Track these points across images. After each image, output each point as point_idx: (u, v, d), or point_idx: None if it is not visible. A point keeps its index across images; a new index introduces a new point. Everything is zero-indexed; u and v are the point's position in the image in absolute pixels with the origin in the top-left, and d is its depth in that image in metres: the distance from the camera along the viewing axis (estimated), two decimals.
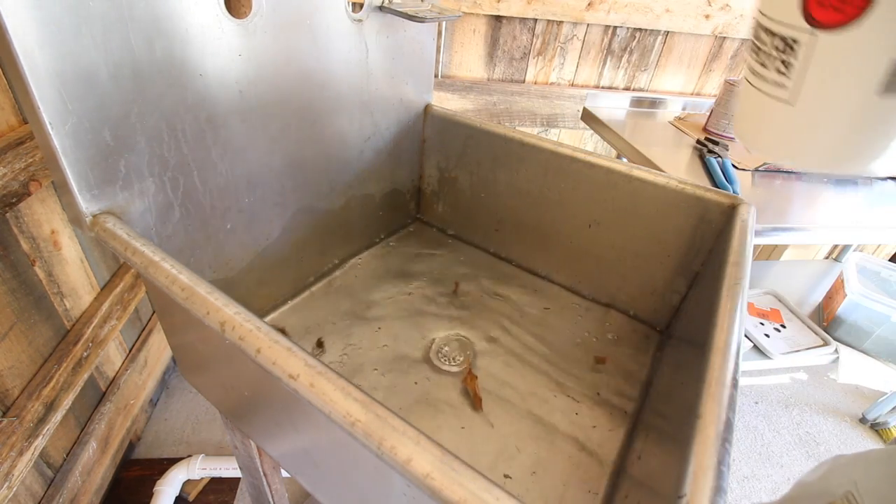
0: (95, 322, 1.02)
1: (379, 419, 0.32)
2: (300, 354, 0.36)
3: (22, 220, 0.83)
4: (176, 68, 0.51)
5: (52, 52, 0.41)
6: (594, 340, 0.79)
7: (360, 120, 0.79)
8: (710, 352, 0.52)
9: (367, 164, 0.84)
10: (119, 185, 0.50)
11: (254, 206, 0.67)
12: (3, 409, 0.81)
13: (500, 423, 0.64)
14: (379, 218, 0.93)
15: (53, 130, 0.42)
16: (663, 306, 0.80)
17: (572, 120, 1.64)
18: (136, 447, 1.28)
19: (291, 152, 0.69)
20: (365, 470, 0.42)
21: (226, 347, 0.47)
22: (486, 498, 0.28)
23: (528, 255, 0.93)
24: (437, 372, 0.71)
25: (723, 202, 0.67)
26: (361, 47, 0.73)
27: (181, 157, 0.55)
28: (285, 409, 0.47)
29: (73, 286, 0.98)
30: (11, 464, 0.79)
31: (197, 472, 1.16)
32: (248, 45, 0.57)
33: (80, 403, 1.01)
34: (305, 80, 0.66)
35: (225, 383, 0.58)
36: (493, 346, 0.76)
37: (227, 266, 0.67)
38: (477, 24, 1.43)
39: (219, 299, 0.40)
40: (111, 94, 0.46)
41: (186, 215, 0.58)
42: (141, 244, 0.45)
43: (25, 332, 0.85)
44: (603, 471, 0.60)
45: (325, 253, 0.85)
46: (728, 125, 1.33)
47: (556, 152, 0.80)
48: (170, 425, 1.34)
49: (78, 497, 1.01)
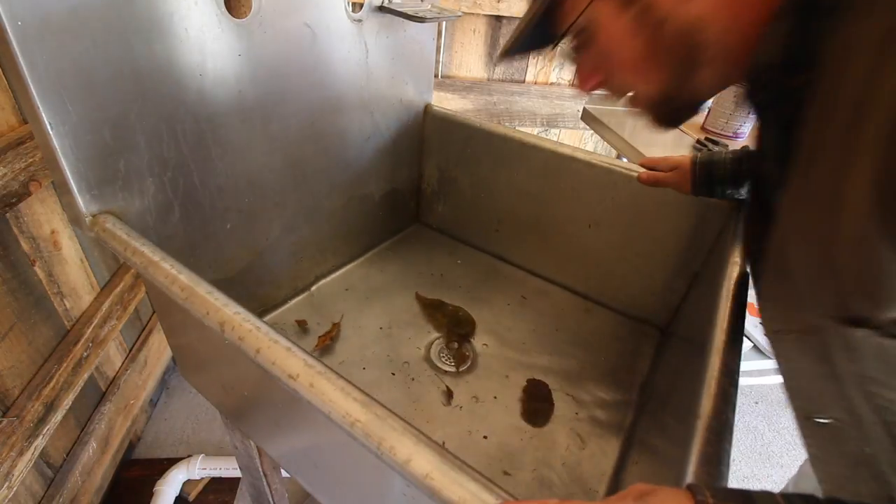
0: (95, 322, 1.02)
1: (378, 419, 0.32)
2: (300, 354, 0.36)
3: (22, 220, 0.83)
4: (175, 68, 0.51)
5: (52, 52, 0.41)
6: (594, 340, 0.79)
7: (360, 120, 0.79)
8: (710, 352, 0.52)
9: (366, 164, 0.84)
10: (119, 185, 0.50)
11: (253, 206, 0.67)
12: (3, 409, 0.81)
13: (500, 422, 0.64)
14: (379, 218, 0.93)
15: (53, 130, 0.42)
16: (663, 306, 0.80)
17: (572, 120, 1.64)
18: (136, 447, 1.28)
19: (291, 152, 0.69)
20: (364, 470, 0.42)
21: (225, 347, 0.47)
22: (486, 498, 0.28)
23: (527, 255, 0.93)
24: (437, 371, 0.71)
25: (722, 202, 0.66)
26: (361, 47, 0.73)
27: (181, 157, 0.55)
28: (285, 409, 0.47)
29: (73, 286, 0.98)
30: (11, 464, 0.79)
31: (197, 472, 1.16)
32: (248, 45, 0.57)
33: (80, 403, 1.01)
34: (305, 79, 0.66)
35: (225, 383, 0.58)
36: (493, 345, 0.76)
37: (227, 266, 0.67)
38: (477, 23, 1.43)
39: (218, 299, 0.40)
40: (111, 94, 0.46)
41: (186, 215, 0.58)
42: (140, 244, 0.45)
43: (25, 332, 0.85)
44: (603, 471, 0.60)
45: (324, 252, 0.85)
46: (726, 124, 1.33)
47: (556, 152, 0.80)
48: (170, 425, 1.34)
49: (78, 497, 1.01)
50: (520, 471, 0.59)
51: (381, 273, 0.90)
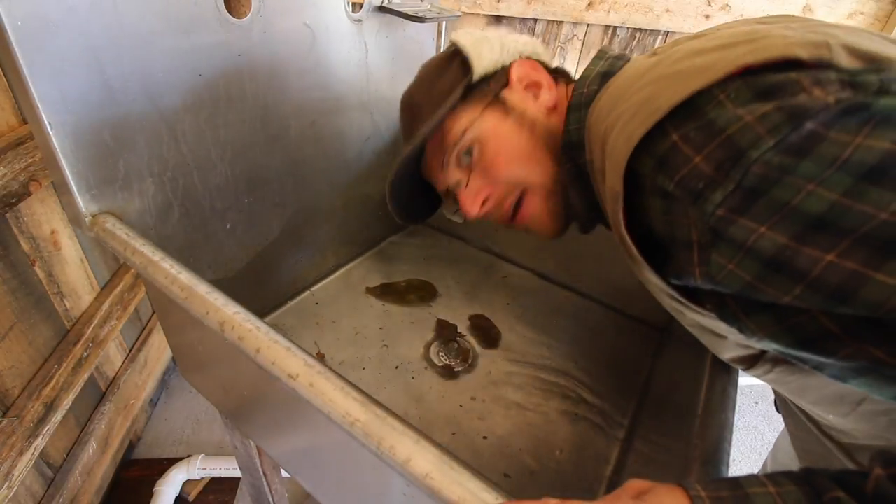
0: (95, 322, 1.02)
1: (378, 419, 0.32)
2: (299, 354, 0.36)
3: (22, 220, 0.83)
4: (175, 68, 0.51)
5: (52, 52, 0.41)
6: (594, 339, 0.79)
7: (360, 120, 0.79)
8: (710, 351, 0.52)
9: (366, 165, 0.84)
10: (118, 185, 0.50)
11: (253, 206, 0.67)
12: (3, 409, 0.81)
13: (500, 423, 0.64)
14: (378, 218, 0.93)
15: (53, 130, 0.42)
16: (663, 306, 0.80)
17: None
18: (136, 447, 1.28)
19: (291, 152, 0.69)
20: (364, 470, 0.42)
21: (225, 347, 0.47)
22: (486, 497, 0.28)
23: (527, 254, 0.93)
24: (437, 371, 0.71)
25: None
26: (361, 47, 0.73)
27: (180, 157, 0.55)
28: (285, 409, 0.47)
29: (73, 286, 0.98)
30: (11, 464, 0.79)
31: (197, 472, 1.16)
32: (248, 45, 0.57)
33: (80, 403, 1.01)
34: (305, 80, 0.66)
35: (225, 383, 0.58)
36: (493, 345, 0.76)
37: (227, 266, 0.67)
38: (477, 23, 1.43)
39: (218, 299, 0.40)
40: (110, 94, 0.46)
41: (186, 215, 0.58)
42: (140, 244, 0.45)
43: (25, 332, 0.85)
44: (602, 471, 0.60)
45: (324, 253, 0.85)
46: None
47: None
48: (170, 425, 1.34)
49: (78, 497, 1.01)
50: (519, 471, 0.59)
51: (381, 273, 0.90)
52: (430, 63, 0.58)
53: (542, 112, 0.51)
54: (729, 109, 0.30)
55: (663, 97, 0.33)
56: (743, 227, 0.30)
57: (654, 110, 0.33)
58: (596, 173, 0.43)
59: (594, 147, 0.42)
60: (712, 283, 0.33)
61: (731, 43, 0.33)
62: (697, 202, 0.31)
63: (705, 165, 0.31)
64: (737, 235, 0.30)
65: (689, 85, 0.32)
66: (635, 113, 0.35)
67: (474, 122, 0.51)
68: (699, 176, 0.31)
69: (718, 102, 0.31)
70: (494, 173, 0.51)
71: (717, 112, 0.31)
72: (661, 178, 0.34)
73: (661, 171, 0.33)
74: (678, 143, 0.32)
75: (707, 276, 0.33)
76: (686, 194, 0.32)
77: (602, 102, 0.42)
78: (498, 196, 0.53)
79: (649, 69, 0.37)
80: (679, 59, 0.35)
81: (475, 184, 0.53)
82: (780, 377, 0.42)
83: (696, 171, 0.31)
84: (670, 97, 0.33)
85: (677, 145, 0.32)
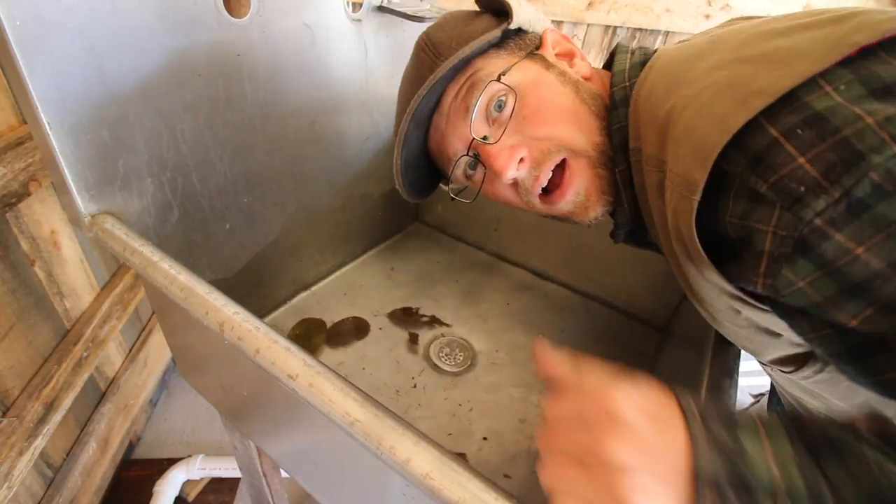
0: (95, 322, 1.02)
1: (378, 419, 0.32)
2: (299, 354, 0.36)
3: (22, 220, 0.83)
4: (174, 68, 0.51)
5: (51, 52, 0.41)
6: (593, 338, 0.79)
7: (360, 120, 0.79)
8: (709, 351, 0.52)
9: (366, 164, 0.84)
10: (118, 185, 0.50)
11: (253, 206, 0.67)
12: (3, 409, 0.81)
13: (500, 423, 0.64)
14: (378, 218, 0.93)
15: (52, 131, 0.42)
16: (662, 305, 0.80)
17: None
18: (136, 447, 1.27)
19: (290, 152, 0.69)
20: (364, 470, 0.42)
21: (225, 347, 0.47)
22: (485, 498, 0.28)
23: (527, 254, 0.93)
24: (437, 371, 0.71)
25: None
26: (360, 47, 0.73)
27: (180, 157, 0.55)
28: (284, 409, 0.47)
29: (73, 286, 0.98)
30: (11, 464, 0.79)
31: (197, 473, 1.16)
32: (248, 45, 0.57)
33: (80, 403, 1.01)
34: (304, 79, 0.66)
35: (224, 383, 0.58)
36: (493, 345, 0.76)
37: (227, 266, 0.67)
38: None
39: (218, 299, 0.40)
40: (109, 94, 0.46)
41: (185, 215, 0.58)
42: (139, 244, 0.45)
43: (25, 332, 0.85)
44: None
45: (324, 253, 0.85)
46: None
47: None
48: (170, 425, 1.34)
49: (78, 497, 1.01)
50: (519, 471, 0.59)
51: (381, 273, 0.90)
52: (455, 13, 0.52)
53: (580, 77, 0.46)
54: (841, 105, 0.27)
55: (762, 80, 0.29)
56: (837, 246, 0.26)
57: (754, 94, 0.29)
58: (646, 162, 0.38)
59: (646, 132, 0.37)
60: (774, 294, 0.30)
61: (821, 21, 0.29)
62: (794, 208, 0.27)
63: (811, 168, 0.27)
64: (827, 253, 0.27)
65: (797, 69, 0.28)
66: (718, 95, 0.31)
67: (512, 68, 0.44)
68: (801, 179, 0.27)
69: (824, 94, 0.28)
70: (535, 127, 0.44)
71: (825, 106, 0.27)
72: (754, 179, 0.29)
73: (755, 171, 0.29)
74: (780, 140, 0.28)
75: (770, 288, 0.30)
76: (782, 198, 0.28)
77: (652, 84, 0.37)
78: (536, 156, 0.45)
79: (711, 49, 0.33)
80: (754, 39, 0.31)
81: (509, 139, 0.45)
82: (832, 377, 0.38)
83: (798, 174, 0.27)
84: (774, 82, 0.28)
85: (778, 143, 0.28)
